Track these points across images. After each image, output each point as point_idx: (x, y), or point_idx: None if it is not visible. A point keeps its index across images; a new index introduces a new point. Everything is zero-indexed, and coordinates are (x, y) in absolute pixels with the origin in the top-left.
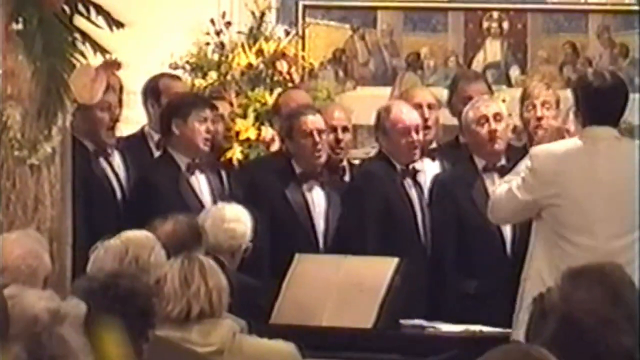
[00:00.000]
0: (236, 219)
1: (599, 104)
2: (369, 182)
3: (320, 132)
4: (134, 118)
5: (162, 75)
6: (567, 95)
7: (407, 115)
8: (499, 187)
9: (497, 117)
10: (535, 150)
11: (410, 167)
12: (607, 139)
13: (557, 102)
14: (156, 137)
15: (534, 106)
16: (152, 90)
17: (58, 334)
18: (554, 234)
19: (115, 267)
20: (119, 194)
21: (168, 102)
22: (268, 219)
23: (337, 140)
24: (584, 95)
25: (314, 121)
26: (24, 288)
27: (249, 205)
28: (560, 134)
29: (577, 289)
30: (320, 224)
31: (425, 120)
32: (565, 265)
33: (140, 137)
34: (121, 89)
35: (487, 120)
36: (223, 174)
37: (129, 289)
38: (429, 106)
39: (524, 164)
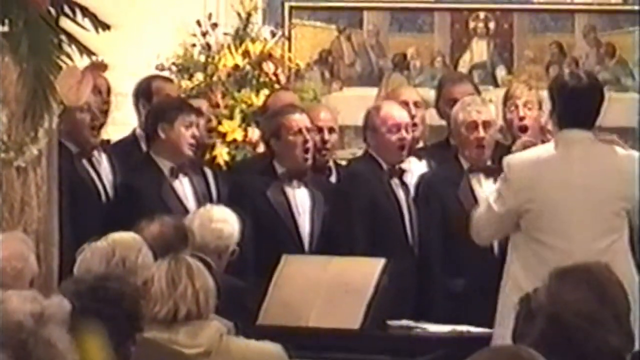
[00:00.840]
0: (223, 220)
1: (573, 106)
2: (355, 182)
3: (308, 130)
4: (121, 119)
5: (154, 77)
6: None
7: (397, 113)
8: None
9: (486, 124)
10: (507, 159)
11: (397, 167)
12: (582, 142)
13: (540, 103)
14: None
15: (516, 106)
16: (144, 92)
17: (44, 338)
18: (531, 240)
19: (103, 269)
20: (103, 197)
21: (154, 106)
22: (252, 220)
23: (324, 141)
24: (559, 97)
25: (301, 119)
26: (6, 293)
27: (233, 206)
28: (543, 134)
29: (564, 289)
30: (305, 225)
31: (412, 117)
32: (542, 270)
33: (131, 140)
34: (109, 90)
35: (477, 127)
36: (209, 175)
37: (117, 292)
38: (415, 104)
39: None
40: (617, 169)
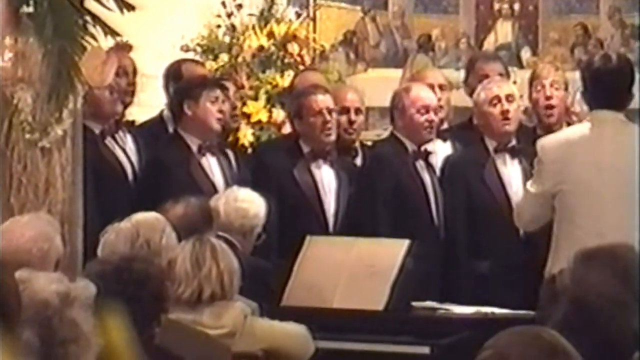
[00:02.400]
0: (249, 200)
1: (605, 87)
2: (380, 164)
3: (330, 111)
4: (145, 101)
5: (185, 60)
6: (577, 77)
7: (426, 94)
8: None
9: (510, 97)
10: (541, 141)
11: (423, 148)
12: (613, 122)
13: (566, 84)
14: None
15: (543, 86)
16: (175, 74)
17: (68, 317)
18: (562, 221)
19: (128, 251)
20: (130, 176)
21: (179, 84)
22: (277, 201)
23: (350, 122)
24: (590, 78)
25: (323, 100)
26: (33, 272)
27: (258, 187)
28: (568, 115)
29: (588, 272)
30: (330, 205)
31: (437, 100)
32: (575, 250)
33: (158, 121)
34: (135, 71)
35: (500, 100)
36: (231, 156)
37: (142, 273)
38: (440, 87)
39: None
40: None
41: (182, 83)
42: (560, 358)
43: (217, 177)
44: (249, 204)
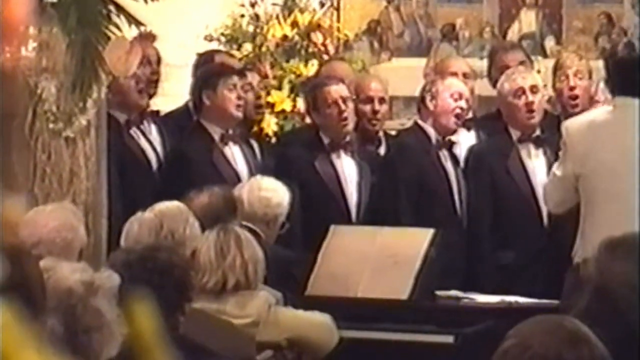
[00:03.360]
0: (273, 189)
1: (628, 75)
2: (403, 154)
3: (344, 100)
4: (169, 90)
5: (218, 51)
6: (601, 66)
7: (460, 83)
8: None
9: (534, 89)
10: (566, 123)
11: (447, 138)
12: (636, 107)
13: (590, 73)
14: None
15: (567, 76)
16: (206, 64)
17: (92, 306)
18: (588, 204)
19: (152, 241)
20: (154, 165)
21: (197, 75)
22: (300, 192)
23: (374, 111)
24: (613, 66)
25: (337, 90)
26: (58, 260)
27: (281, 178)
28: (592, 104)
29: (613, 261)
30: (352, 195)
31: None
32: (596, 236)
33: (184, 111)
34: (159, 61)
35: (524, 92)
36: (255, 146)
37: (167, 262)
38: (465, 75)
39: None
40: None
41: (200, 73)
42: (583, 347)
43: (241, 166)
44: (273, 192)
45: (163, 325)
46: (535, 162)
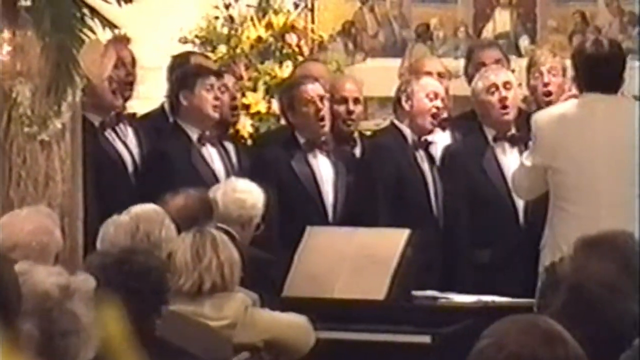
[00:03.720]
0: (247, 191)
1: (595, 72)
2: (379, 154)
3: (321, 98)
4: (144, 93)
5: (193, 53)
6: None
7: (435, 83)
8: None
9: (507, 85)
10: (535, 116)
11: (423, 138)
12: (605, 100)
13: (564, 70)
14: None
15: (541, 73)
16: (181, 66)
17: (69, 310)
18: (557, 196)
19: (128, 244)
20: (130, 168)
21: (174, 76)
22: (276, 192)
23: (348, 112)
24: (580, 62)
25: (313, 89)
26: (33, 264)
27: (257, 178)
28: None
29: (589, 260)
30: (329, 195)
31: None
32: (569, 231)
33: (160, 113)
34: (133, 63)
35: (497, 88)
36: (231, 148)
37: (143, 265)
38: (439, 75)
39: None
40: None
41: (177, 74)
42: (557, 345)
43: (218, 168)
44: (247, 194)
45: (139, 327)
46: (511, 161)
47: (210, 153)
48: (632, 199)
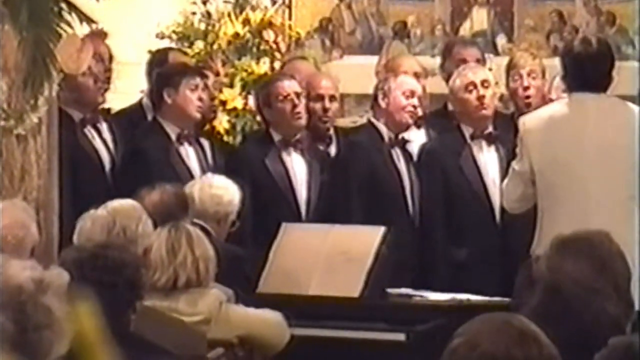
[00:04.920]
0: (224, 187)
1: (583, 71)
2: (355, 151)
3: (297, 95)
4: (121, 88)
5: (171, 49)
6: (553, 64)
7: (413, 81)
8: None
9: (485, 83)
10: (522, 118)
11: (400, 136)
12: (594, 100)
13: (543, 72)
14: None
15: (521, 76)
16: (160, 62)
17: (42, 304)
18: (548, 199)
19: (104, 238)
20: (107, 164)
21: (158, 73)
22: (250, 189)
23: (324, 109)
24: (569, 62)
25: (290, 85)
26: (7, 258)
27: (231, 174)
28: (545, 102)
29: (564, 259)
30: (302, 193)
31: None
32: (557, 229)
33: (137, 109)
34: (110, 58)
35: (475, 86)
36: (207, 145)
37: (118, 260)
38: (416, 75)
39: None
40: (631, 121)
41: (162, 71)
42: (530, 344)
43: (194, 166)
44: (224, 190)
45: (114, 323)
46: (488, 159)
47: (188, 151)
48: (622, 201)
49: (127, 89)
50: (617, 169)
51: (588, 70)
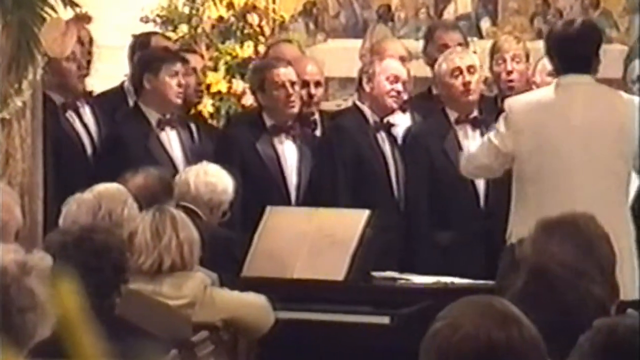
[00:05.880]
0: (218, 175)
1: (569, 52)
2: (340, 134)
3: (292, 83)
4: (104, 72)
5: (154, 33)
6: (537, 47)
7: (398, 65)
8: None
9: (471, 69)
10: (509, 101)
11: (385, 120)
12: (581, 84)
13: (527, 55)
14: None
15: (504, 60)
16: (142, 46)
17: (26, 286)
18: (531, 184)
19: (89, 222)
20: (89, 148)
21: (139, 57)
22: (241, 174)
23: (310, 95)
24: (554, 44)
25: (285, 73)
26: None
27: (222, 160)
28: (529, 85)
29: (549, 242)
30: (292, 178)
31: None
32: (542, 214)
33: (119, 92)
34: (90, 41)
35: (461, 72)
36: (193, 128)
37: (103, 244)
38: (401, 58)
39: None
40: (619, 109)
41: (142, 56)
42: (512, 326)
43: (176, 152)
44: (218, 179)
45: (99, 306)
46: (472, 144)
47: (170, 137)
48: (608, 186)
49: (112, 72)
50: (602, 154)
51: (573, 52)
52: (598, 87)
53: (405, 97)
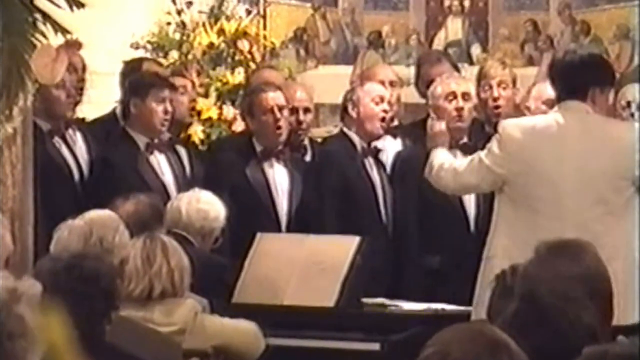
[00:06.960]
0: (211, 203)
1: (568, 79)
2: (328, 161)
3: (280, 108)
4: (96, 98)
5: (145, 59)
6: (527, 73)
7: (380, 87)
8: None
9: (466, 96)
10: (503, 123)
11: (372, 146)
12: (578, 112)
13: (514, 81)
14: None
15: (491, 87)
16: (133, 72)
17: (16, 313)
18: (522, 208)
19: (80, 248)
20: (76, 175)
21: (129, 82)
22: (230, 199)
23: (298, 122)
24: (555, 71)
25: (274, 97)
26: None
27: (211, 185)
28: (519, 111)
29: (540, 268)
30: (283, 204)
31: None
32: (532, 238)
33: (111, 118)
34: (84, 68)
35: (455, 97)
36: (183, 153)
37: (93, 270)
38: (391, 84)
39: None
40: (614, 139)
41: (131, 80)
42: (502, 353)
43: (167, 175)
44: (210, 206)
45: (89, 332)
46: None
47: (159, 160)
48: (598, 216)
49: (102, 99)
50: (595, 182)
51: (572, 79)
52: (594, 116)
53: (394, 120)
